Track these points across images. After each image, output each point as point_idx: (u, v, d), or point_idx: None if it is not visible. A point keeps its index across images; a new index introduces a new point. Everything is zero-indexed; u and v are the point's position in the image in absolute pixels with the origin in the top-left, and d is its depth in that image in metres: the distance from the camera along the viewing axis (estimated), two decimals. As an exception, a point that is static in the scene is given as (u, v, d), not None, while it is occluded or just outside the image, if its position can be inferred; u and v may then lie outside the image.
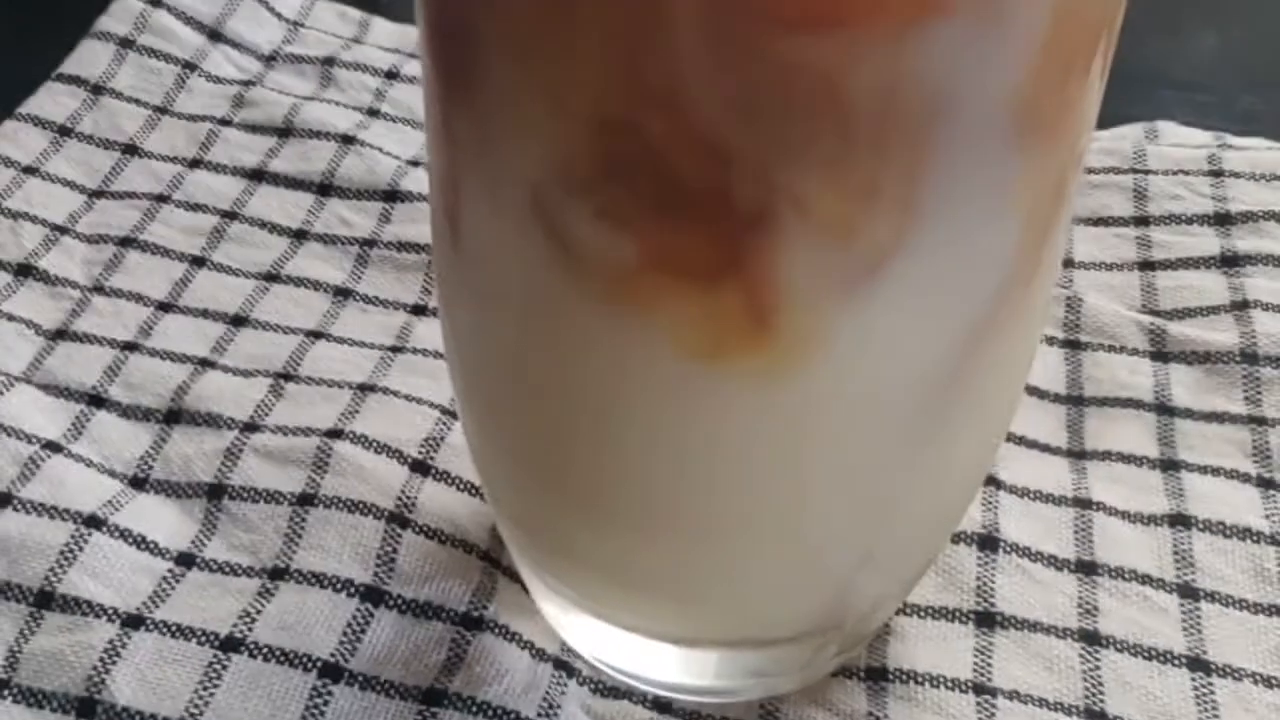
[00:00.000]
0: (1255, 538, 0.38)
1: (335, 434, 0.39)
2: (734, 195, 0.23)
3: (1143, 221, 0.48)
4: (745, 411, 0.26)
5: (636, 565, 0.30)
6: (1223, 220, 0.47)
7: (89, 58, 0.52)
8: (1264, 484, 0.40)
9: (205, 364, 0.42)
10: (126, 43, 0.53)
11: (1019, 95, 0.23)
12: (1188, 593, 0.37)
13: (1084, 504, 0.39)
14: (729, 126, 0.22)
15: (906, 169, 0.23)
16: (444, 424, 0.40)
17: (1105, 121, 0.29)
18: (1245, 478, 0.40)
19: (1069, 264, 0.47)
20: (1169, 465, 0.40)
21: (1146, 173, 0.49)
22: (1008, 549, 0.38)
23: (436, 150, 0.28)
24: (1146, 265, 0.47)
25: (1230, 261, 0.46)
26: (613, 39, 0.22)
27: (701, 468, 0.27)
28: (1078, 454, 0.41)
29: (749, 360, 0.25)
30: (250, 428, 0.40)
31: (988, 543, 0.38)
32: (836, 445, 0.27)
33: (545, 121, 0.24)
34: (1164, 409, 0.42)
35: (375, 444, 0.39)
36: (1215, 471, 0.40)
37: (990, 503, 0.39)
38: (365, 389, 0.41)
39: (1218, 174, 0.49)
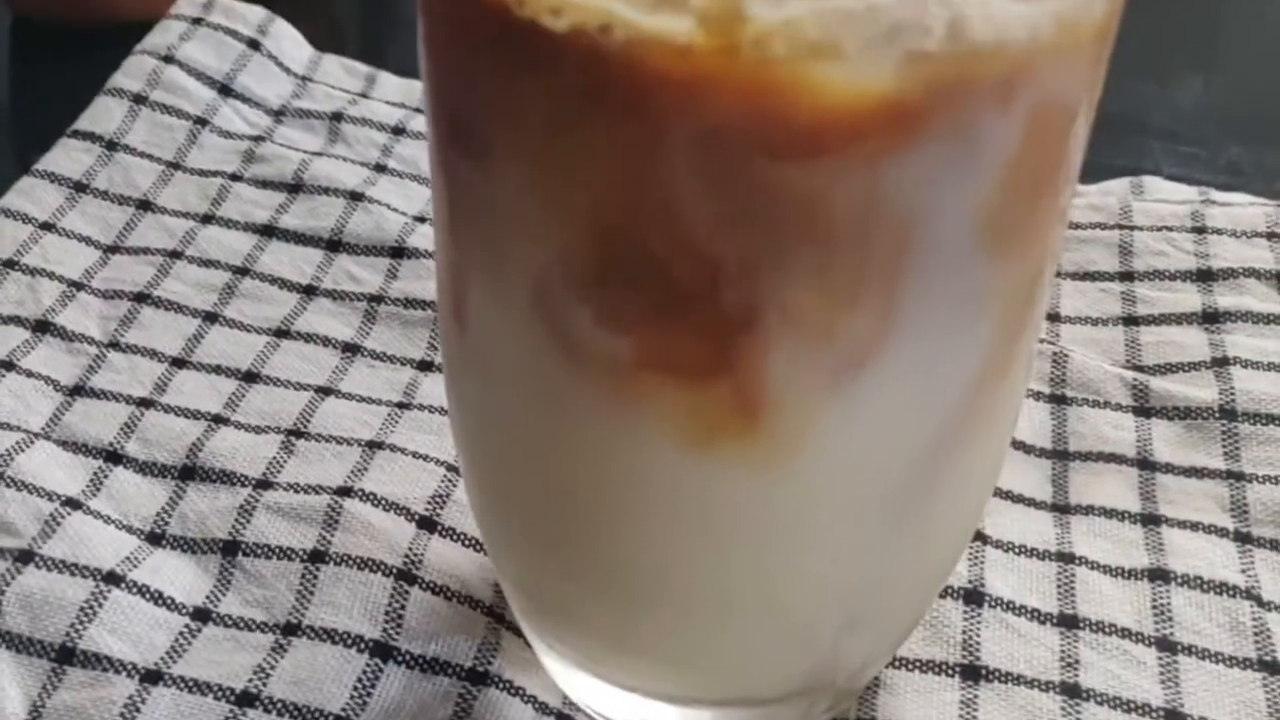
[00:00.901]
0: (1231, 592, 0.39)
1: (345, 491, 0.41)
2: (724, 301, 0.24)
3: (1128, 277, 0.49)
4: (736, 494, 0.28)
5: (632, 631, 0.32)
6: (1205, 276, 0.49)
7: (103, 114, 0.54)
8: (1241, 539, 0.41)
9: (219, 420, 0.44)
10: (140, 99, 0.54)
11: (990, 210, 0.24)
12: (1166, 646, 0.38)
13: (1067, 558, 0.41)
14: (720, 240, 0.24)
15: (885, 278, 0.24)
16: (449, 481, 0.42)
17: (1091, 171, 0.30)
18: (1223, 532, 0.41)
19: (1056, 318, 0.49)
20: (1150, 520, 0.42)
21: (1132, 228, 0.51)
22: (992, 603, 0.39)
23: (443, 241, 0.30)
24: (1131, 320, 0.48)
25: (1211, 318, 0.47)
26: (613, 160, 0.23)
27: (694, 545, 0.29)
28: (1062, 508, 0.42)
29: (740, 449, 0.27)
30: (263, 484, 0.41)
31: (973, 597, 0.39)
32: (823, 525, 0.29)
33: (548, 227, 0.25)
34: (1146, 464, 0.43)
35: (383, 501, 0.40)
36: (1194, 526, 0.41)
37: (977, 557, 0.40)
38: (373, 446, 0.43)
39: (1200, 230, 0.50)
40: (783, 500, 0.28)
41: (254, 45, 0.57)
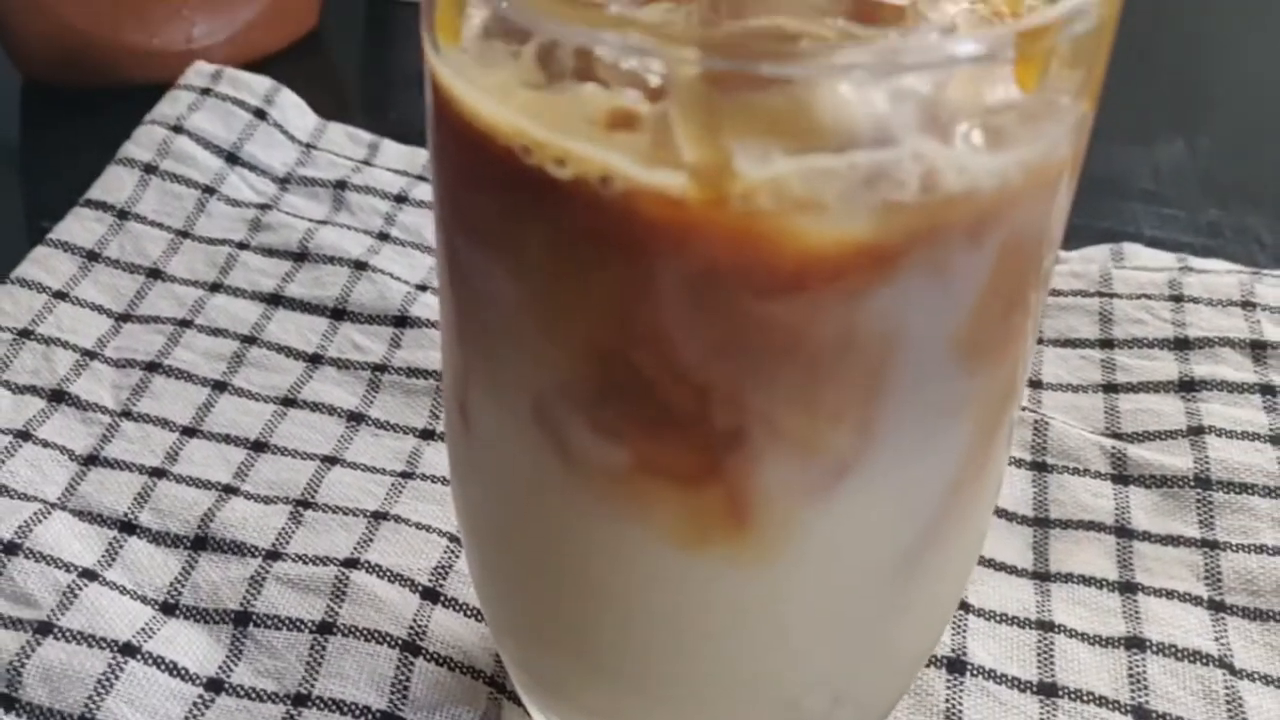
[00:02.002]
0: (1205, 660, 0.41)
1: (351, 563, 0.42)
2: (713, 418, 0.26)
3: (1108, 344, 0.51)
4: (726, 589, 0.29)
5: (626, 712, 0.33)
6: (1182, 345, 0.50)
7: (115, 183, 0.56)
8: (1214, 607, 0.43)
9: (229, 490, 0.45)
10: (150, 168, 0.56)
11: (964, 332, 0.26)
12: (1141, 714, 0.40)
13: (1046, 626, 0.42)
14: (709, 366, 0.25)
15: (864, 397, 0.26)
16: (451, 551, 0.43)
17: (1073, 233, 0.32)
18: (1197, 600, 0.43)
19: (1038, 385, 0.50)
20: (1126, 588, 0.43)
21: (1112, 296, 0.52)
22: (974, 672, 0.41)
23: (449, 340, 0.31)
24: (1110, 388, 0.50)
25: (1188, 386, 0.49)
26: (609, 294, 0.25)
27: (685, 633, 0.30)
28: (1042, 575, 0.44)
29: (729, 548, 0.28)
30: (273, 555, 0.43)
31: (956, 666, 0.41)
32: (809, 615, 0.30)
33: (546, 348, 0.27)
34: (1123, 531, 0.45)
35: (388, 573, 0.42)
36: (1169, 594, 0.43)
37: (960, 626, 0.42)
38: (378, 516, 0.44)
39: (1178, 299, 0.52)
40: (770, 594, 0.29)
41: (260, 114, 0.59)
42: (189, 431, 0.47)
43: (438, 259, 0.30)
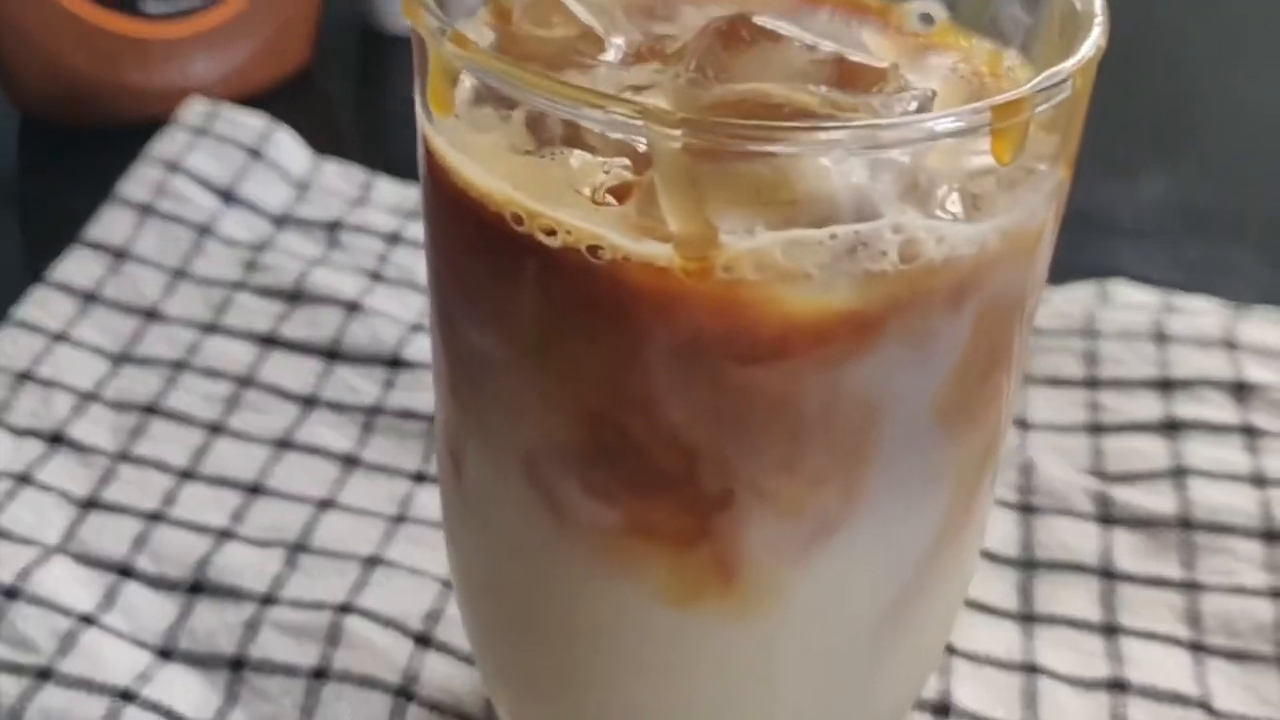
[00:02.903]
0: (1185, 702, 0.42)
1: (346, 608, 0.43)
2: (701, 481, 0.27)
3: (1092, 384, 0.52)
4: (714, 644, 0.30)
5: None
6: (1165, 386, 0.51)
7: (112, 223, 0.56)
8: (1195, 648, 0.43)
9: (225, 535, 0.46)
10: (147, 208, 0.57)
11: (945, 395, 0.27)
12: (1124, 756, 0.41)
13: (1031, 669, 0.43)
14: (696, 430, 0.26)
15: (848, 461, 0.27)
16: (444, 596, 0.44)
17: (1057, 271, 0.32)
18: (1178, 642, 0.43)
19: (1024, 425, 0.51)
20: (1110, 630, 0.44)
21: (1096, 336, 0.53)
22: (959, 715, 0.41)
23: (442, 394, 0.32)
24: (1095, 428, 0.50)
25: (1171, 427, 0.50)
26: (597, 359, 0.26)
27: (675, 688, 0.31)
28: (1027, 617, 0.45)
29: (718, 606, 0.29)
30: (268, 600, 0.43)
31: (941, 710, 0.41)
32: (797, 668, 0.31)
33: (536, 410, 0.28)
34: (1107, 573, 0.46)
35: (381, 618, 0.43)
36: (1151, 636, 0.44)
37: (945, 669, 0.42)
38: (372, 561, 0.45)
39: (1161, 338, 0.52)
40: (758, 648, 0.30)
41: (256, 153, 0.59)
42: (186, 475, 0.48)
43: (430, 312, 0.31)
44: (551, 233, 0.24)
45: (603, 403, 0.26)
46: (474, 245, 0.26)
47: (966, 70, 0.29)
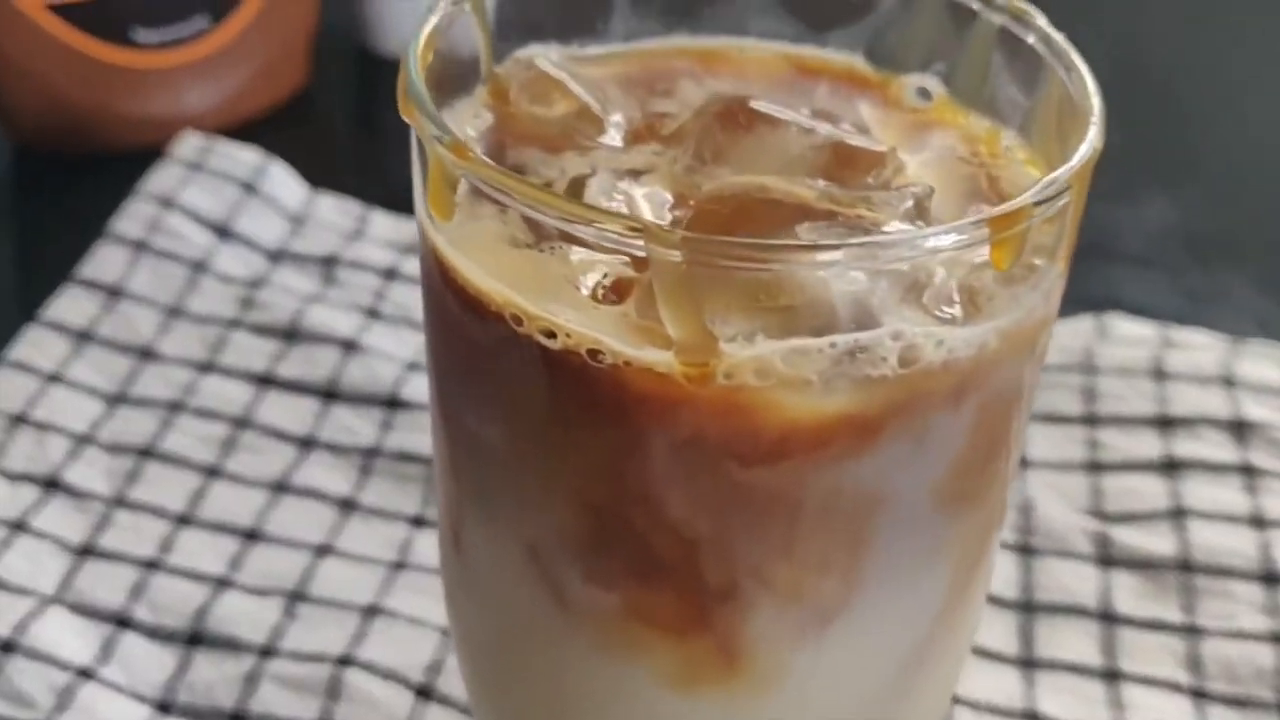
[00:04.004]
0: (1186, 750, 0.42)
1: (345, 661, 0.43)
2: (704, 571, 0.27)
3: (1091, 421, 0.52)
4: (716, 724, 0.30)
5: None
6: (1164, 424, 0.51)
7: (106, 260, 0.56)
8: (1196, 694, 0.43)
9: (223, 583, 0.46)
10: (141, 245, 0.57)
11: (945, 484, 0.27)
12: (1125, 806, 0.41)
13: (1032, 716, 0.43)
14: (698, 523, 0.26)
15: (848, 549, 0.27)
16: (444, 645, 0.44)
17: None
18: (1178, 688, 0.43)
19: (1023, 463, 0.51)
20: (1110, 675, 0.44)
21: (1095, 372, 0.53)
22: (961, 765, 0.41)
23: (442, 469, 0.32)
24: (1094, 466, 0.50)
25: (1170, 467, 0.50)
26: (598, 455, 0.26)
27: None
28: (1027, 663, 0.45)
29: (719, 689, 0.29)
30: (267, 652, 0.43)
31: (943, 760, 0.41)
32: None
33: (537, 498, 0.27)
34: (1107, 616, 0.46)
35: (382, 670, 0.43)
36: (1152, 682, 0.44)
37: (947, 717, 0.42)
38: (371, 611, 0.45)
39: (1160, 374, 0.52)
40: (760, 728, 0.30)
41: (250, 188, 0.59)
42: (183, 520, 0.48)
43: (429, 389, 0.31)
44: (551, 335, 0.24)
45: (604, 495, 0.26)
46: (474, 339, 0.26)
47: (965, 151, 0.29)
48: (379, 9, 0.70)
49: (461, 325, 0.26)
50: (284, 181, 0.60)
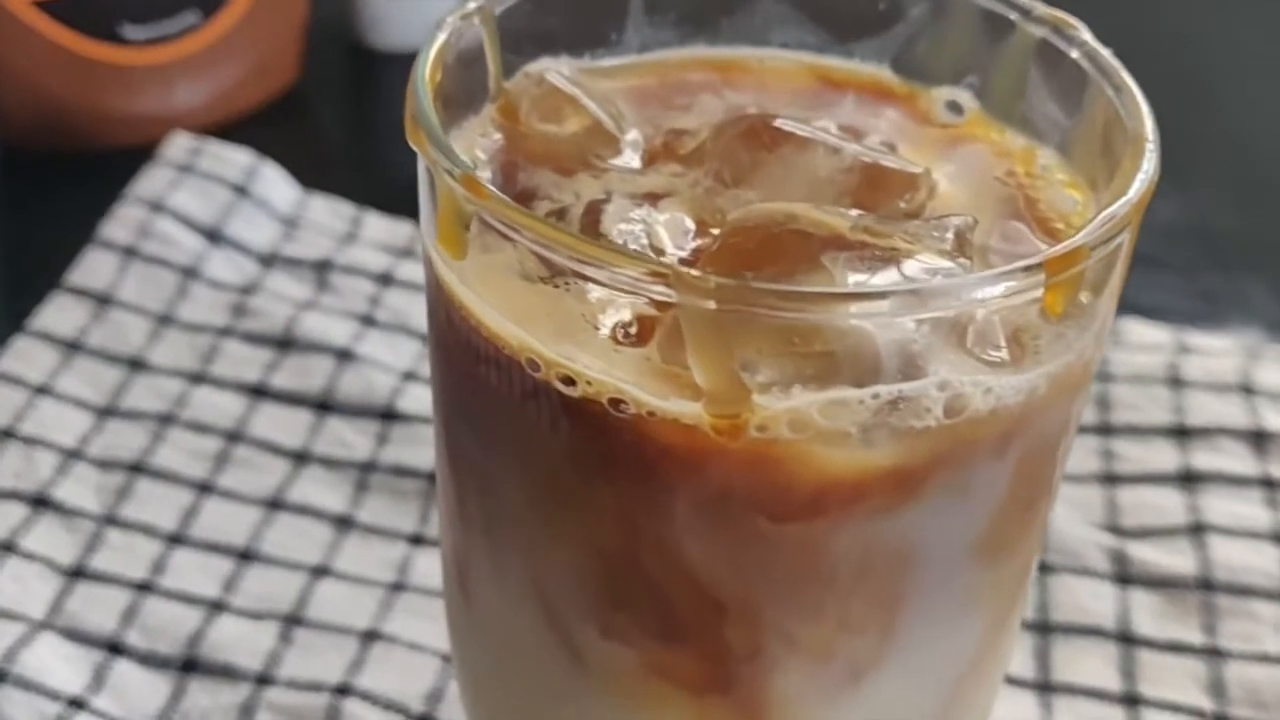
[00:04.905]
0: (1210, 780, 0.40)
1: (343, 690, 0.41)
2: (727, 630, 0.25)
3: (1105, 431, 0.50)
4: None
5: None
6: (1180, 433, 0.50)
7: (94, 267, 0.54)
8: (1219, 721, 0.42)
9: (217, 606, 0.44)
10: (130, 251, 0.55)
11: (984, 534, 0.25)
12: (1148, 837, 0.39)
13: (1050, 744, 0.42)
14: (722, 580, 0.25)
15: (884, 605, 0.25)
16: (445, 672, 0.42)
17: None
18: (1201, 715, 0.42)
19: (1036, 475, 0.50)
20: (1130, 700, 0.43)
21: (1109, 379, 0.52)
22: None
23: (448, 515, 0.30)
24: (1109, 478, 0.49)
25: (1188, 479, 0.48)
26: (617, 505, 0.24)
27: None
28: (1044, 687, 0.43)
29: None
30: (263, 680, 0.42)
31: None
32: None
33: (553, 548, 0.26)
34: (1125, 638, 0.44)
35: (381, 700, 0.41)
36: (1173, 708, 0.42)
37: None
38: (370, 636, 0.43)
39: (1176, 383, 0.51)
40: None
41: (242, 190, 0.58)
42: (175, 539, 0.46)
43: (435, 431, 0.29)
44: (570, 382, 0.23)
45: (623, 549, 0.25)
46: (485, 381, 0.25)
47: (1000, 170, 0.27)
48: (372, 3, 0.68)
49: (472, 366, 0.25)
50: (276, 183, 0.58)
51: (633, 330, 0.23)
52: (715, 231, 0.25)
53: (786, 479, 0.23)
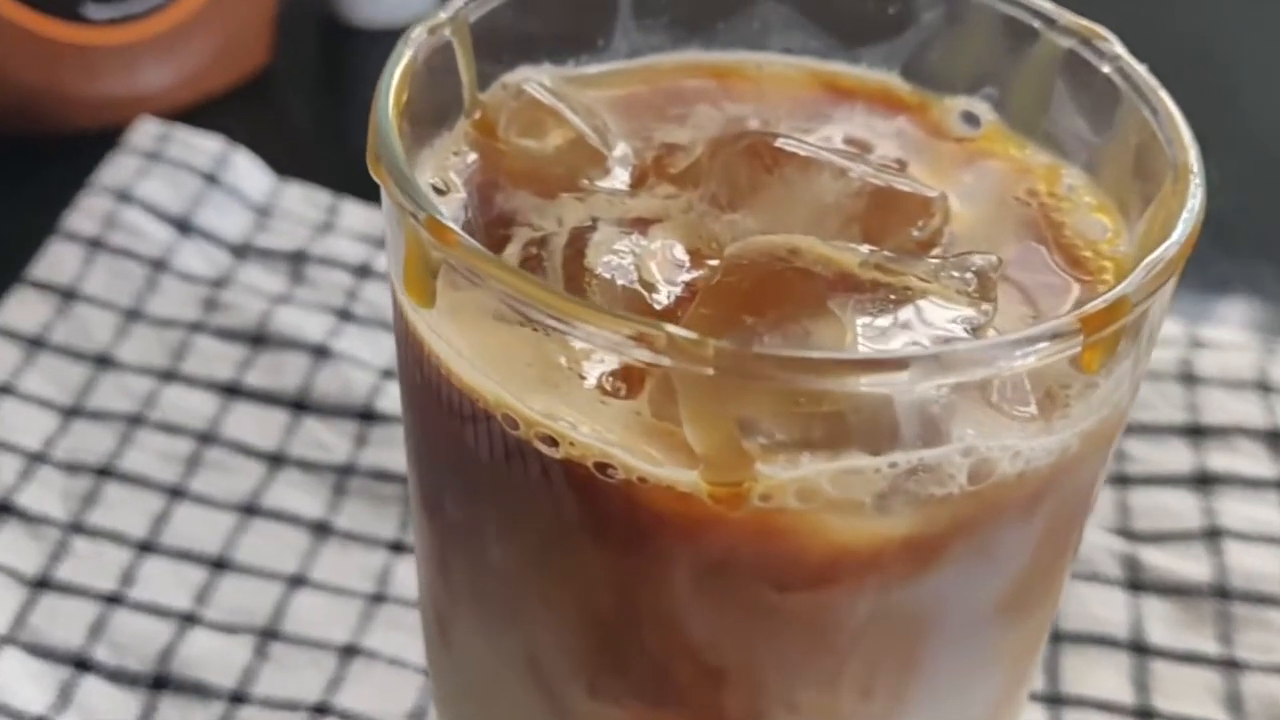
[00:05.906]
0: (1228, 799, 0.39)
1: (322, 710, 0.40)
2: (727, 699, 0.23)
3: (1115, 428, 0.48)
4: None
5: None
6: (1195, 433, 0.48)
7: (58, 260, 0.52)
8: (1237, 737, 0.40)
9: (189, 619, 0.42)
10: (96, 243, 0.53)
11: (1007, 596, 0.23)
12: None
13: (1061, 762, 0.40)
14: (723, 650, 0.23)
15: (897, 671, 0.23)
16: (427, 690, 0.40)
17: None
18: (1218, 729, 0.40)
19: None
20: (1144, 714, 0.41)
21: (1117, 374, 0.50)
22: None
23: (425, 566, 0.28)
24: (1121, 480, 0.47)
25: (1202, 481, 0.46)
26: (608, 570, 0.22)
27: None
28: (1055, 699, 0.42)
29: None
30: (237, 699, 0.40)
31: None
32: None
33: (540, 610, 0.24)
34: (1138, 648, 0.43)
35: (361, 721, 0.39)
36: (1190, 724, 0.41)
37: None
38: (349, 651, 0.41)
39: (1190, 379, 0.49)
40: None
41: (212, 179, 0.55)
42: (145, 547, 0.44)
43: (409, 476, 0.27)
44: (552, 442, 0.21)
45: (615, 616, 0.23)
46: (460, 437, 0.22)
47: (1020, 189, 0.25)
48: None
49: (445, 419, 0.23)
50: (248, 171, 0.56)
51: (621, 381, 0.21)
52: (711, 262, 0.23)
53: (794, 549, 0.21)
